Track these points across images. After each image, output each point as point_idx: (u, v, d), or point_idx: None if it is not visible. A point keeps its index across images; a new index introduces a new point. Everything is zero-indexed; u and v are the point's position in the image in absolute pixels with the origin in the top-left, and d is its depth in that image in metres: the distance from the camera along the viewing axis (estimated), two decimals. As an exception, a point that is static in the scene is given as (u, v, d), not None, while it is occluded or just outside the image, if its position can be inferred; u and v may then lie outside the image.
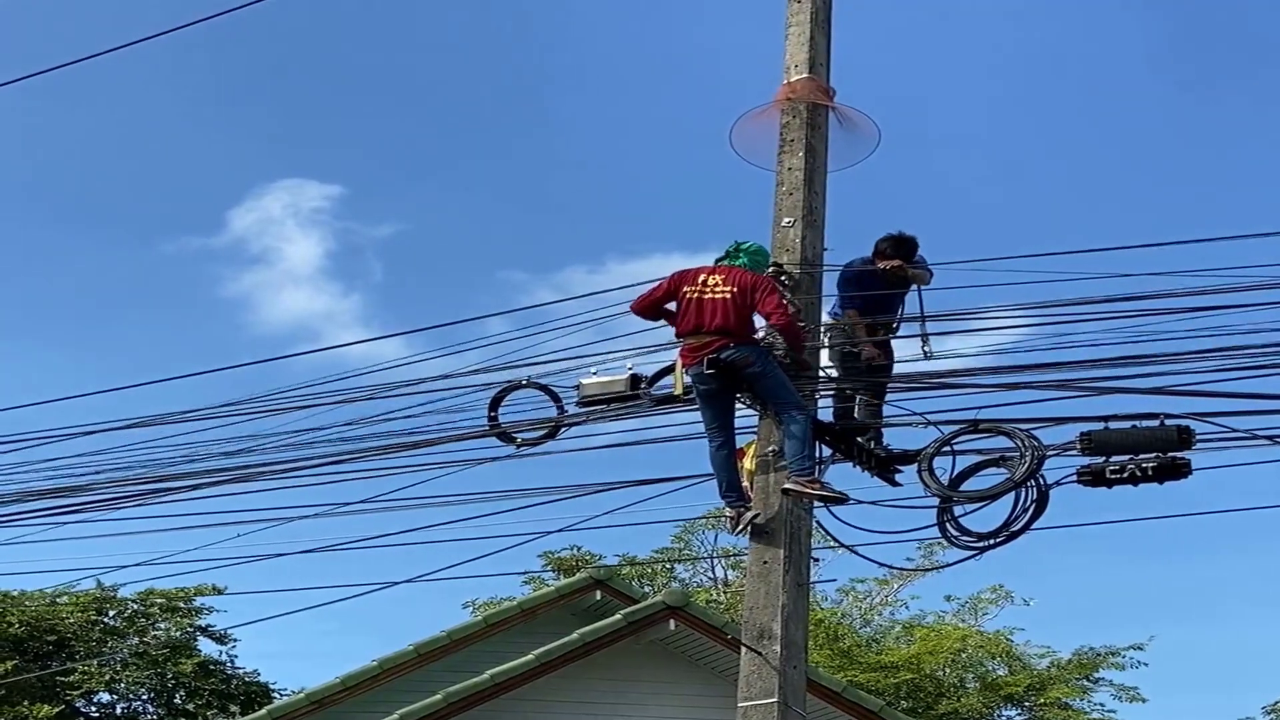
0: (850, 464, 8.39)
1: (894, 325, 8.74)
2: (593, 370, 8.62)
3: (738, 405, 8.10)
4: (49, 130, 47.96)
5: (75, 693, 26.85)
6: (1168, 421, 7.25)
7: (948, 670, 29.78)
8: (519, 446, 8.85)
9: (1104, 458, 7.32)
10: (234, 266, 52.70)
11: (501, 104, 52.69)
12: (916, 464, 7.83)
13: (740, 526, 7.86)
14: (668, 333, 8.24)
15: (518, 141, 53.26)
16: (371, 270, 52.96)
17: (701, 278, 8.07)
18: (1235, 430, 7.32)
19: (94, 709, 28.11)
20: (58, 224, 50.45)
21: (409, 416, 9.11)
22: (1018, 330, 8.34)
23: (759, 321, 8.00)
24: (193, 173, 52.13)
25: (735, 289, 7.91)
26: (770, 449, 7.97)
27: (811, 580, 8.14)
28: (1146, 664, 30.05)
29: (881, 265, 8.68)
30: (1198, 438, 7.25)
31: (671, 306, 8.16)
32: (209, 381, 10.71)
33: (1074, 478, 7.45)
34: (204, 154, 51.25)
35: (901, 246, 8.69)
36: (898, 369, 8.74)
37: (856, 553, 8.11)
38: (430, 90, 52.71)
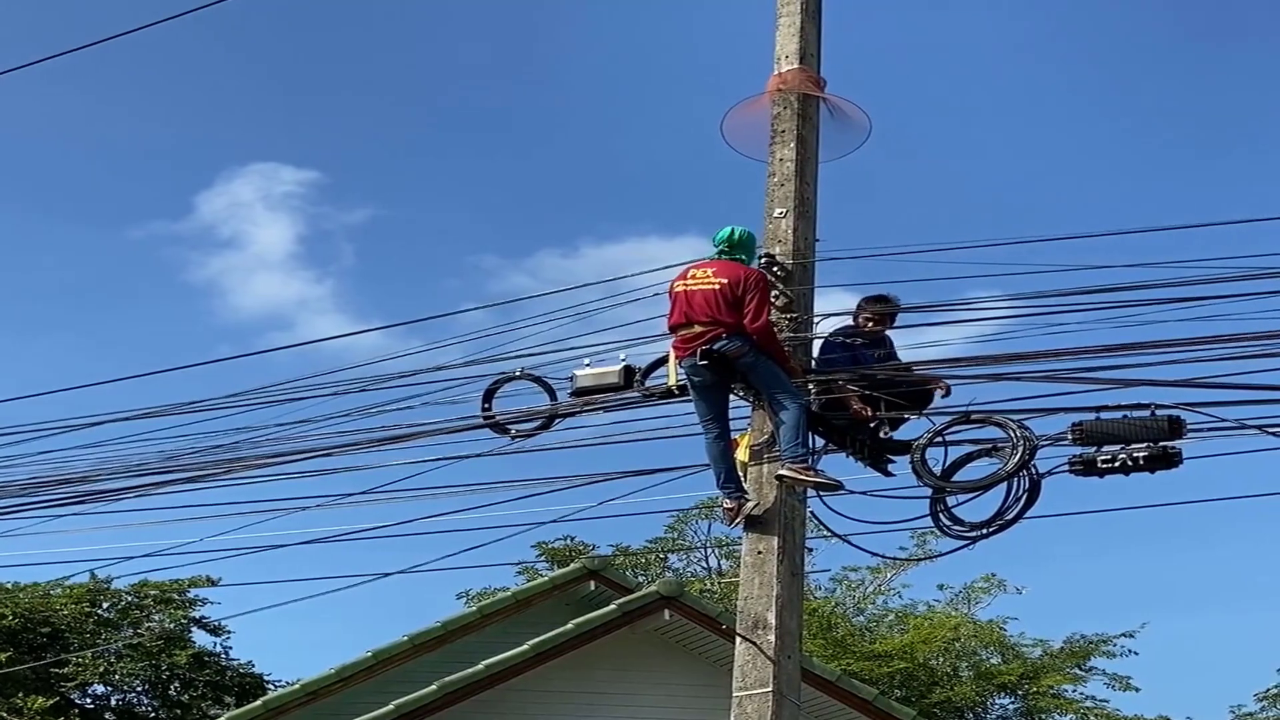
0: (843, 454, 8.40)
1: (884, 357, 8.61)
2: (586, 361, 8.64)
3: (731, 396, 8.11)
4: (14, 115, 47.82)
5: (69, 684, 26.85)
6: (1158, 412, 7.28)
7: (941, 659, 29.83)
8: (513, 438, 8.87)
9: (1095, 447, 7.34)
10: (201, 251, 52.60)
11: (478, 89, 52.66)
12: (909, 454, 7.86)
13: (739, 518, 7.86)
14: (661, 324, 8.25)
15: (494, 125, 53.24)
16: (343, 255, 52.90)
17: (691, 271, 8.06)
18: (1224, 420, 7.35)
19: (88, 700, 28.11)
20: (25, 210, 50.30)
21: (403, 409, 9.13)
22: (1006, 320, 8.35)
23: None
24: (162, 157, 52.04)
25: (726, 280, 7.89)
26: (763, 439, 7.99)
27: (805, 570, 8.16)
28: (1137, 652, 30.14)
29: (863, 321, 8.64)
30: (1188, 427, 7.28)
31: None
32: (190, 371, 10.74)
33: (1065, 467, 7.47)
34: (174, 138, 51.15)
35: (879, 304, 8.64)
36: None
37: (850, 542, 8.15)
38: (408, 76, 52.71)
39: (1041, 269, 8.01)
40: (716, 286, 7.89)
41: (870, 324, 8.64)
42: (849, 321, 8.70)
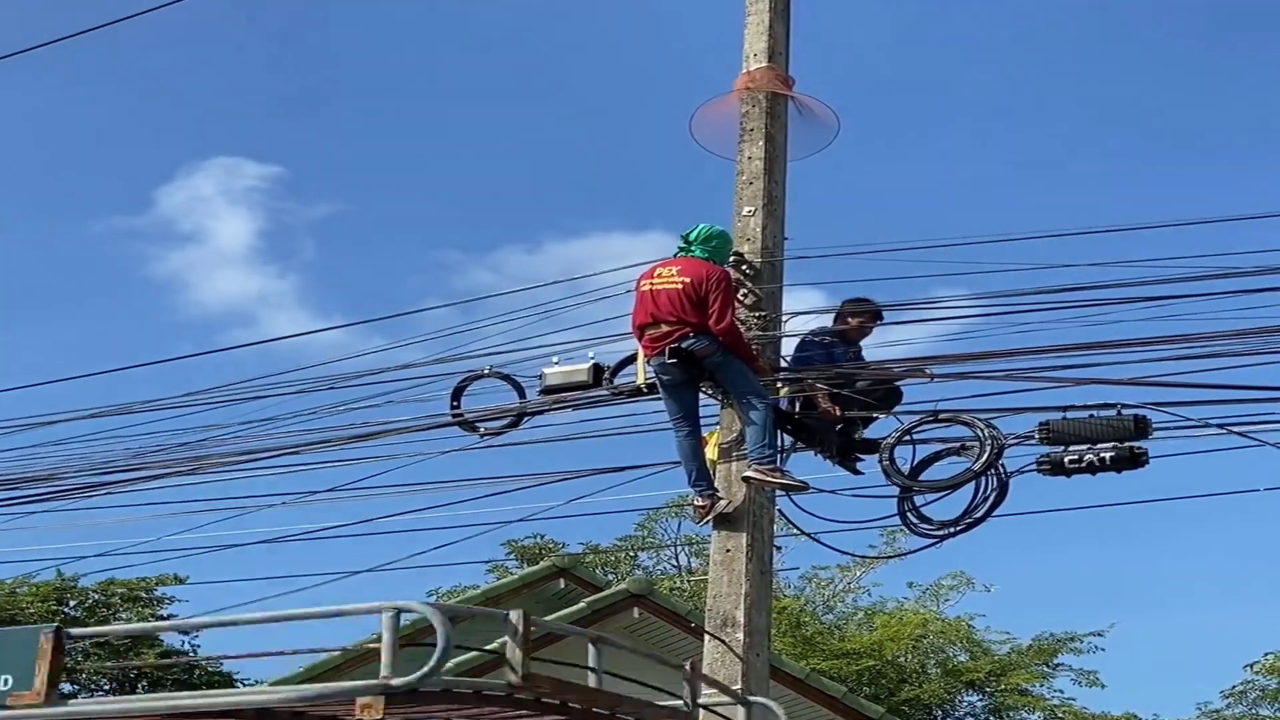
0: (812, 452, 8.42)
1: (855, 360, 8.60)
2: (555, 359, 8.63)
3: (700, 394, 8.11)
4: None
5: (36, 684, 26.69)
6: (1124, 411, 7.32)
7: (909, 656, 29.92)
8: (482, 436, 8.86)
9: (1063, 447, 7.38)
10: (161, 246, 52.29)
11: (442, 85, 52.55)
12: (878, 453, 7.88)
13: (709, 515, 7.87)
14: (628, 322, 8.24)
15: (456, 120, 53.11)
16: (304, 250, 52.69)
17: (657, 270, 8.05)
18: (1189, 419, 7.39)
19: (55, 700, 27.96)
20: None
21: (371, 407, 9.11)
22: (972, 319, 8.39)
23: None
24: (122, 151, 51.66)
25: (690, 279, 7.86)
26: (732, 437, 8.00)
27: (774, 568, 8.18)
28: (1104, 649, 30.30)
29: (852, 322, 8.63)
30: (1154, 426, 7.32)
31: None
32: (152, 367, 10.70)
33: (1033, 466, 7.50)
34: (135, 132, 50.78)
35: (862, 306, 8.65)
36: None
37: (819, 540, 8.17)
38: (372, 72, 52.54)
39: (1007, 269, 8.05)
40: (680, 286, 7.87)
41: (855, 327, 8.61)
42: (817, 319, 8.71)
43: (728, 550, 7.82)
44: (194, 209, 51.71)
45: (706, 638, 7.78)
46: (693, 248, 8.03)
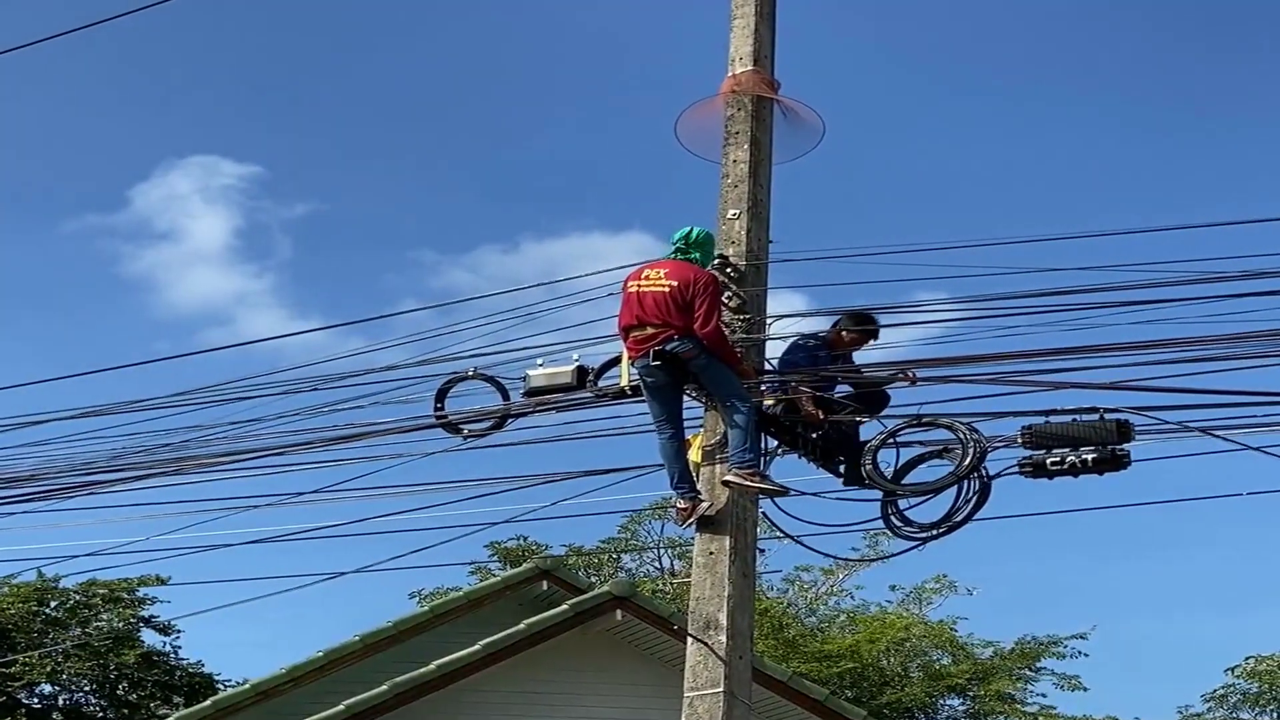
0: (795, 455, 8.42)
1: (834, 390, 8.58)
2: (539, 361, 8.63)
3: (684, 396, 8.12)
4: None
5: (16, 684, 26.61)
6: (1107, 415, 7.33)
7: (892, 659, 29.97)
8: (465, 437, 8.85)
9: (1045, 450, 7.39)
10: (135, 244, 52.13)
11: (420, 84, 52.53)
12: (860, 456, 7.89)
13: (692, 518, 7.87)
14: (610, 324, 8.25)
15: (434, 120, 53.10)
16: (281, 249, 52.61)
17: (645, 271, 8.05)
18: (1170, 423, 7.42)
19: (36, 700, 27.87)
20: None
21: (354, 408, 9.11)
22: (956, 323, 8.40)
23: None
24: (98, 150, 51.52)
25: (677, 282, 7.86)
26: (715, 440, 8.01)
27: (757, 570, 8.19)
28: (1087, 654, 30.39)
29: (845, 338, 8.61)
30: (1136, 430, 7.33)
31: None
32: (130, 367, 10.69)
33: (1015, 469, 7.52)
34: (111, 131, 50.62)
35: (862, 323, 8.64)
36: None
37: (802, 543, 8.18)
38: (351, 72, 52.54)
39: (991, 272, 8.07)
40: (667, 289, 7.87)
41: (849, 340, 8.60)
42: (805, 325, 8.69)
43: (711, 553, 7.82)
44: (170, 207, 51.60)
45: (689, 640, 7.77)
46: (688, 251, 8.04)
